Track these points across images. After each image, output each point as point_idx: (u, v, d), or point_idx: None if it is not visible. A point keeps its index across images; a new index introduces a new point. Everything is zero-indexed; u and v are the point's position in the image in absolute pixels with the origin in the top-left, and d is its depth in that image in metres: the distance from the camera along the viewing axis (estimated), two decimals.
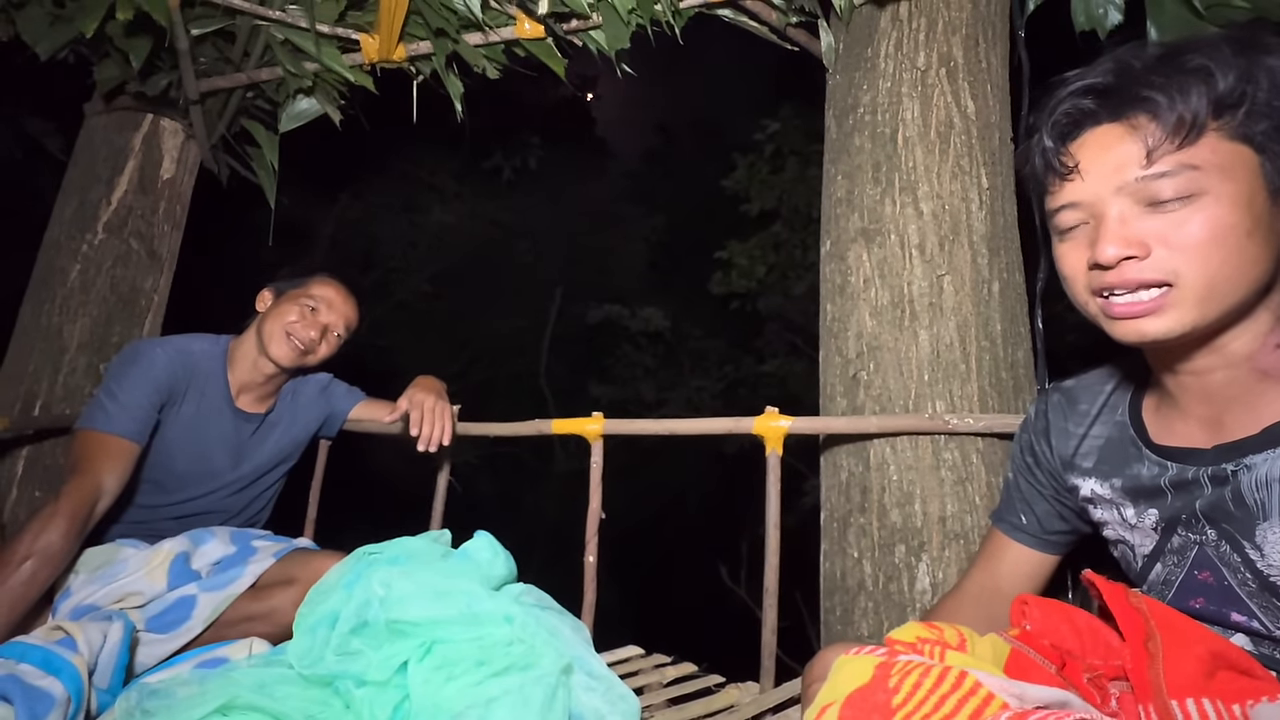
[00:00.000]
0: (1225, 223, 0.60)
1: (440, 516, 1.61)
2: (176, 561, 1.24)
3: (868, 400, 1.33)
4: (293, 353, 1.42)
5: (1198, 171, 0.61)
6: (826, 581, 1.37)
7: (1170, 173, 0.61)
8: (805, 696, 0.88)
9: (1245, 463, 0.66)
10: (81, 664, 0.88)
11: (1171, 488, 0.72)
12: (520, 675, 0.84)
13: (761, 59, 5.31)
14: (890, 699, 0.50)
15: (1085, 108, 0.66)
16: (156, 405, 1.32)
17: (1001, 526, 0.94)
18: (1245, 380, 0.66)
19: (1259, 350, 0.65)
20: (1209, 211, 0.61)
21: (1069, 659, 0.74)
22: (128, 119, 2.05)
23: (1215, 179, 0.61)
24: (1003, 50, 1.45)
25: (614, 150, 7.84)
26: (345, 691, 0.83)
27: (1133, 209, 0.64)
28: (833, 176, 1.51)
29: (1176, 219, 0.62)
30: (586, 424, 1.46)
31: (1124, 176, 0.64)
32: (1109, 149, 0.65)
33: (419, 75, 1.87)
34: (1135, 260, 0.63)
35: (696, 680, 1.29)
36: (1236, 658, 0.63)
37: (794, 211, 5.40)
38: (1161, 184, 0.62)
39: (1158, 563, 0.77)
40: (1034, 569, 0.92)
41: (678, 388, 6.83)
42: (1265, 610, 0.68)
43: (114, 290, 1.93)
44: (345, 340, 1.52)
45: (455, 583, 0.97)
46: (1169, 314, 0.63)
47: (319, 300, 1.46)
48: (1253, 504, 0.66)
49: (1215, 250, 0.61)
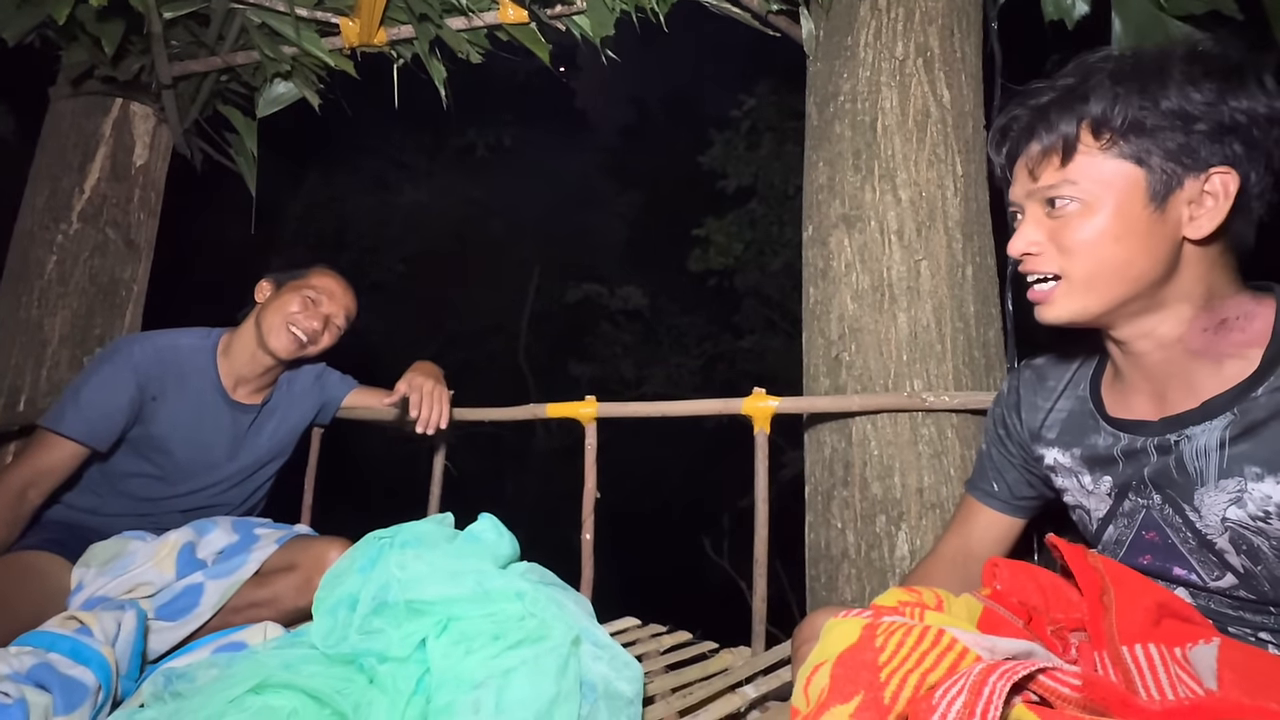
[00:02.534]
0: (1098, 228, 0.71)
1: (438, 500, 1.65)
2: (183, 551, 1.27)
3: (849, 380, 1.40)
4: (293, 344, 1.43)
5: (1076, 185, 0.71)
6: (811, 551, 1.45)
7: (1054, 186, 0.73)
8: (796, 657, 0.96)
9: (1186, 433, 0.73)
10: (110, 654, 0.91)
11: (1123, 456, 0.80)
12: (534, 647, 0.90)
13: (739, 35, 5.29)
14: (877, 657, 0.57)
15: (1011, 123, 0.78)
16: (124, 405, 1.34)
17: (975, 494, 1.01)
18: (1179, 360, 0.74)
19: (1187, 333, 0.73)
20: (1085, 219, 0.71)
21: (1035, 614, 0.82)
22: (96, 104, 1.99)
23: (1093, 191, 0.71)
24: (976, 40, 1.50)
25: (590, 125, 7.76)
26: (369, 668, 0.88)
27: (1040, 211, 0.75)
28: (814, 163, 1.55)
29: (1063, 223, 0.73)
30: (580, 408, 1.51)
31: (1026, 187, 0.76)
32: (1019, 158, 0.78)
33: (400, 59, 1.85)
34: (1032, 256, 0.76)
35: (691, 647, 1.37)
36: (1179, 607, 0.72)
37: (770, 188, 5.43)
38: (1049, 194, 0.73)
39: (1110, 525, 0.85)
40: (1003, 532, 1.00)
41: (657, 365, 6.90)
42: (1202, 564, 0.76)
43: (93, 281, 1.90)
44: (345, 330, 1.54)
45: (466, 563, 1.01)
46: (1058, 303, 0.75)
47: (320, 291, 1.47)
48: (1192, 471, 0.73)
49: (1090, 251, 0.72)
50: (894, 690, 0.52)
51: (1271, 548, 0.70)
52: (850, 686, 0.54)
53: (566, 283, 6.96)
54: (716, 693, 1.19)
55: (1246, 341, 0.71)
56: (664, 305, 7.05)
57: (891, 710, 0.52)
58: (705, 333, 6.85)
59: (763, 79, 5.17)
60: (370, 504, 3.28)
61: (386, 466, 5.22)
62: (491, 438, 6.50)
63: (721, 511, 5.44)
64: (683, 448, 6.63)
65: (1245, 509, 0.70)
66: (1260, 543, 0.70)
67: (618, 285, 6.87)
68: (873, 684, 0.53)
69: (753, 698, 1.17)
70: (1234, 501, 0.70)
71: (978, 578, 0.97)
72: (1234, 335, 0.71)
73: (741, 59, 5.60)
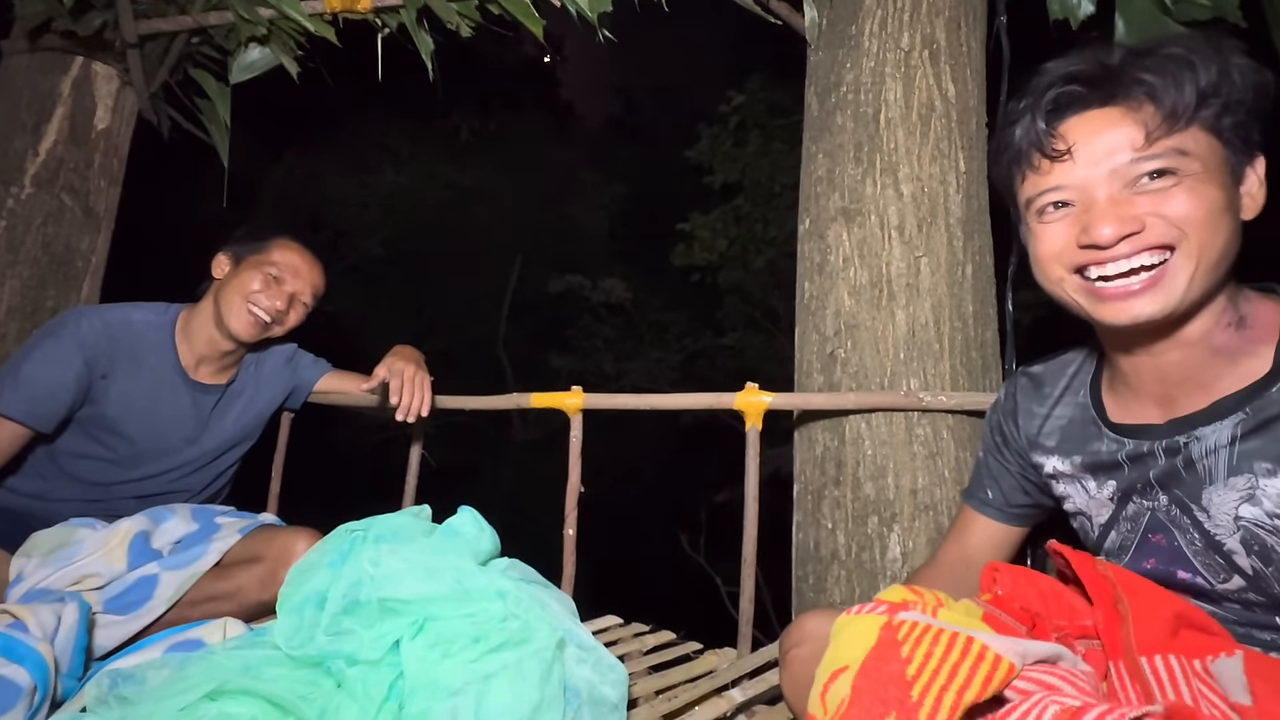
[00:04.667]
0: (1210, 197, 0.65)
1: (414, 491, 1.58)
2: (136, 540, 1.18)
3: (844, 377, 1.36)
4: (255, 326, 1.34)
5: (1186, 156, 0.65)
6: (799, 551, 1.42)
7: (1161, 155, 0.65)
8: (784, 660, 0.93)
9: (1196, 434, 0.72)
10: (48, 651, 0.84)
11: (1128, 461, 0.78)
12: (516, 650, 0.84)
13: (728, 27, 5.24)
14: (904, 669, 0.52)
15: (1074, 93, 0.69)
16: (69, 383, 1.24)
17: (971, 502, 1.00)
18: (1198, 359, 0.71)
19: (1213, 329, 0.70)
20: (1197, 189, 0.65)
21: (1038, 620, 0.79)
22: (54, 60, 1.86)
23: (1198, 163, 0.65)
24: (981, 34, 1.48)
25: (576, 115, 7.66)
26: (337, 671, 0.81)
27: (1121, 191, 0.67)
28: (813, 155, 1.51)
29: (1165, 196, 0.65)
30: (566, 398, 1.45)
31: (1115, 160, 0.67)
32: (1100, 133, 0.68)
33: (385, 29, 1.77)
34: (1133, 236, 0.66)
35: (675, 648, 1.33)
36: (1196, 617, 0.69)
37: (756, 185, 5.41)
38: (1152, 165, 0.66)
39: (1113, 530, 0.83)
40: (1001, 540, 0.99)
41: (637, 359, 6.85)
42: (1208, 567, 0.75)
43: (46, 250, 1.78)
44: (312, 309, 1.45)
45: (444, 559, 0.95)
46: (1173, 282, 0.66)
47: (284, 267, 1.37)
48: (1201, 470, 0.72)
49: (1206, 220, 0.65)
50: (929, 712, 0.48)
51: None
52: (879, 706, 0.50)
53: (549, 273, 6.86)
54: (702, 696, 1.15)
55: (1259, 338, 0.69)
56: (646, 300, 7.00)
57: None
58: (686, 328, 6.82)
59: (751, 75, 5.14)
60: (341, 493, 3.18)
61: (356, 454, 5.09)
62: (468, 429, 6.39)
63: (699, 507, 5.42)
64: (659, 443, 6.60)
65: (1261, 506, 0.68)
66: (1275, 542, 0.68)
67: (600, 277, 6.80)
68: (904, 703, 0.49)
69: (739, 701, 1.13)
70: (1246, 499, 0.69)
71: (976, 586, 0.95)
72: (1250, 332, 0.70)
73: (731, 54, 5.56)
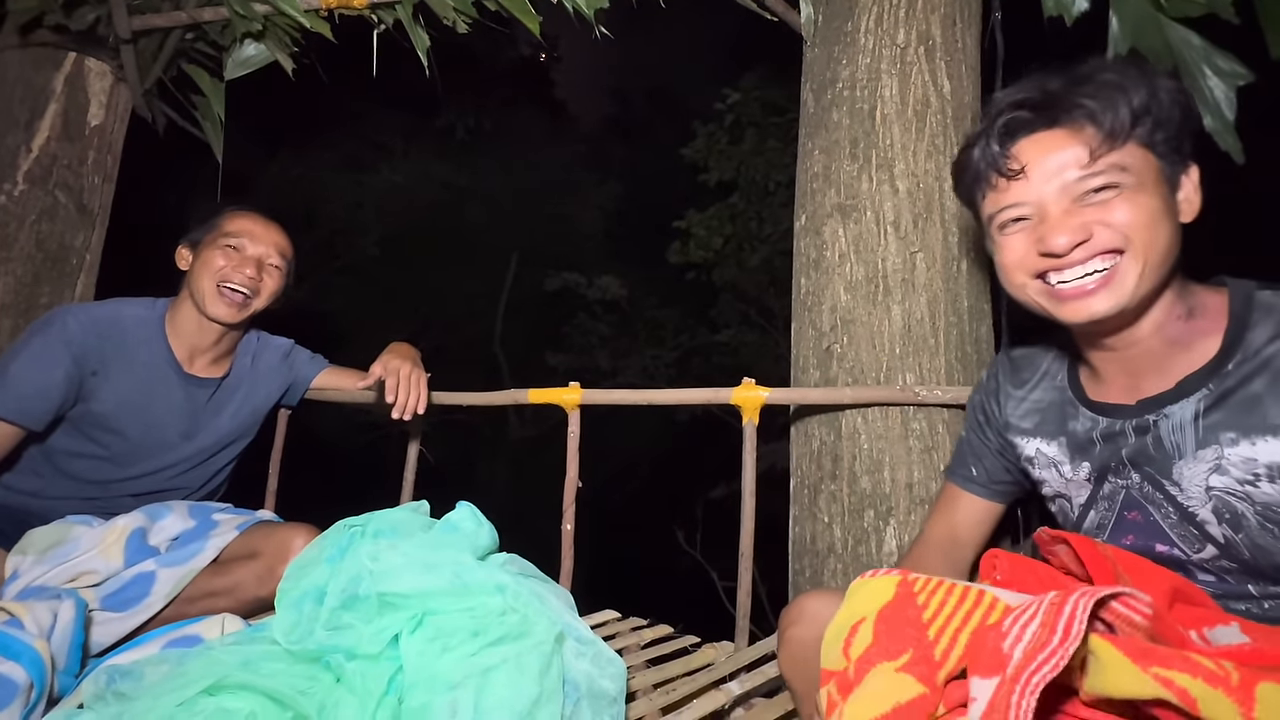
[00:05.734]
0: (1149, 205, 0.73)
1: (412, 487, 1.58)
2: (133, 537, 1.18)
3: (840, 372, 1.37)
4: (234, 306, 1.32)
5: (1125, 171, 0.73)
6: (796, 545, 1.42)
7: (1104, 172, 0.74)
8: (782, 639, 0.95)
9: (1164, 412, 0.78)
10: (44, 648, 0.83)
11: (1101, 439, 0.84)
12: (515, 644, 0.85)
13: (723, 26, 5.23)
14: (920, 614, 0.56)
15: (1023, 118, 0.78)
16: (58, 381, 1.23)
17: (955, 479, 1.04)
18: (1156, 350, 0.79)
19: (1166, 321, 0.78)
20: (1137, 199, 0.73)
21: None
22: (46, 56, 1.85)
23: (1136, 177, 0.74)
24: (977, 31, 1.48)
25: (571, 114, 7.65)
26: (336, 666, 0.81)
27: (1071, 205, 0.75)
28: (809, 151, 1.51)
29: (1109, 206, 0.74)
30: (564, 394, 1.45)
31: (1065, 177, 0.75)
32: (1049, 153, 0.76)
33: (380, 25, 1.76)
34: (1083, 244, 0.74)
35: (672, 642, 1.33)
36: (1191, 592, 0.73)
37: (750, 183, 5.41)
38: (1096, 181, 0.74)
39: (1091, 509, 0.88)
40: (984, 516, 1.03)
41: (633, 356, 6.85)
42: (1184, 539, 0.79)
43: (40, 247, 1.77)
44: (289, 272, 1.41)
45: (443, 554, 0.96)
46: (1122, 281, 0.74)
47: (239, 236, 1.34)
48: (1170, 446, 0.77)
49: (1148, 225, 0.73)
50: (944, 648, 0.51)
51: (1256, 514, 0.72)
52: (896, 644, 0.53)
53: (545, 271, 6.85)
54: (700, 689, 1.16)
55: (1209, 328, 0.77)
56: (642, 297, 7.00)
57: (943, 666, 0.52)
58: (682, 326, 6.82)
59: (746, 73, 5.14)
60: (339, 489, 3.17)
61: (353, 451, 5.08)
62: (465, 426, 6.38)
63: (694, 502, 5.43)
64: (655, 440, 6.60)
65: (1229, 475, 0.73)
66: (1244, 509, 0.73)
67: (596, 275, 6.80)
68: (921, 641, 0.52)
69: (737, 694, 1.14)
70: (1215, 469, 0.74)
71: (965, 563, 1.02)
72: (1198, 322, 0.77)
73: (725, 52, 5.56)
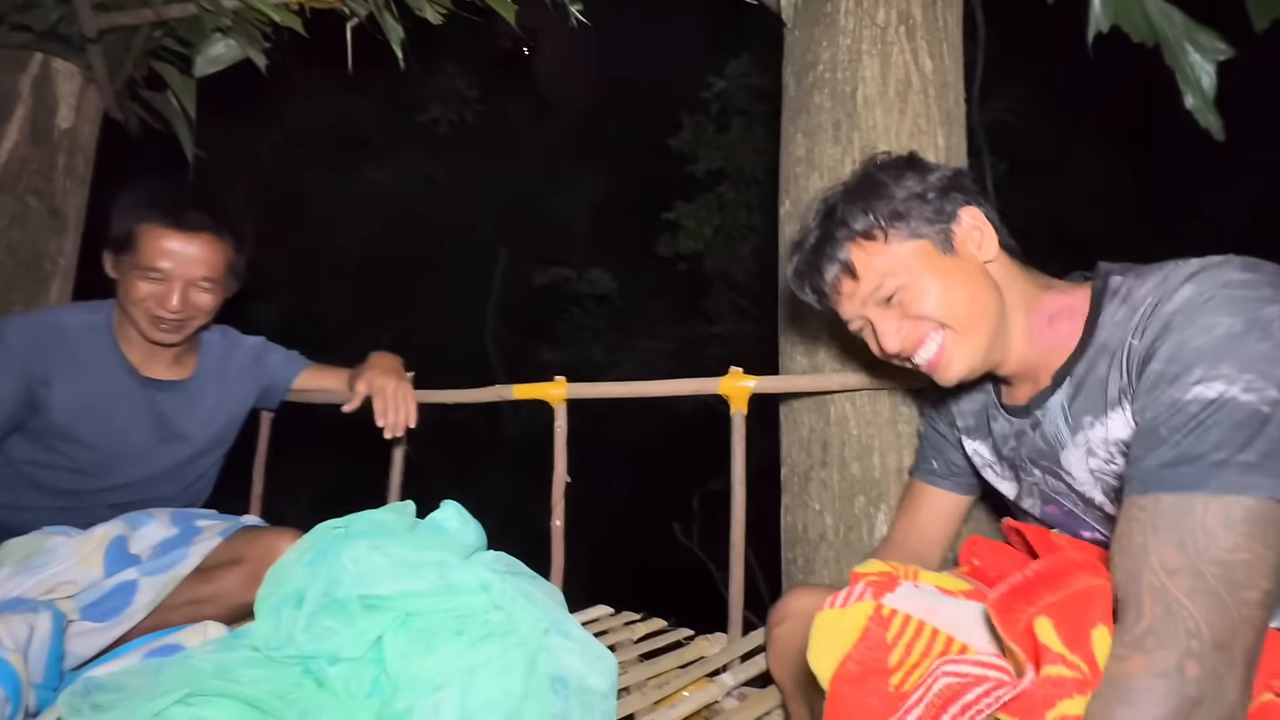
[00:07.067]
0: (935, 286, 0.84)
1: (398, 488, 1.56)
2: (113, 546, 1.15)
3: (827, 359, 1.36)
4: (169, 332, 1.25)
5: (894, 276, 0.85)
6: (788, 534, 1.41)
7: (880, 286, 0.85)
8: (770, 637, 0.96)
9: (1045, 407, 0.84)
10: (19, 661, 0.81)
11: (1015, 439, 0.90)
12: (500, 642, 0.83)
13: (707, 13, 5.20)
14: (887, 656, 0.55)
15: (807, 276, 0.92)
16: (6, 395, 1.19)
17: (919, 476, 1.09)
18: (1034, 361, 0.86)
19: (1030, 339, 0.85)
20: (918, 287, 0.84)
21: None
22: (11, 58, 1.81)
23: (908, 269, 0.84)
24: (958, 9, 1.46)
25: (556, 106, 7.58)
26: (318, 670, 0.80)
27: (886, 312, 0.87)
28: (791, 135, 1.49)
29: (904, 306, 0.85)
30: (549, 388, 1.44)
31: (859, 301, 0.88)
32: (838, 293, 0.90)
33: (353, 17, 1.73)
34: (908, 337, 0.86)
35: (665, 635, 1.33)
36: None
37: (739, 172, 5.39)
38: (883, 293, 0.86)
39: (1023, 502, 0.95)
40: (950, 509, 1.08)
41: (628, 350, 6.81)
42: (1100, 521, 0.85)
43: (12, 254, 1.73)
44: (230, 278, 1.30)
45: (426, 554, 0.94)
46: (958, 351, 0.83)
47: (158, 260, 1.20)
48: (1053, 438, 0.84)
49: (943, 299, 0.83)
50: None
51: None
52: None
53: (534, 266, 6.80)
54: (693, 681, 1.15)
55: (1072, 330, 0.82)
56: (633, 290, 6.96)
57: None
58: (676, 317, 6.79)
59: (732, 60, 5.10)
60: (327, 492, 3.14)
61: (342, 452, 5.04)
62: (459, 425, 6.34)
63: (691, 495, 5.43)
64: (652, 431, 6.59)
65: (1098, 456, 0.79)
66: (1119, 485, 0.76)
67: (585, 269, 6.75)
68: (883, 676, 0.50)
69: (731, 686, 1.13)
70: (1089, 453, 0.80)
71: (933, 558, 1.06)
72: (1061, 326, 0.83)
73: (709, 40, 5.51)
